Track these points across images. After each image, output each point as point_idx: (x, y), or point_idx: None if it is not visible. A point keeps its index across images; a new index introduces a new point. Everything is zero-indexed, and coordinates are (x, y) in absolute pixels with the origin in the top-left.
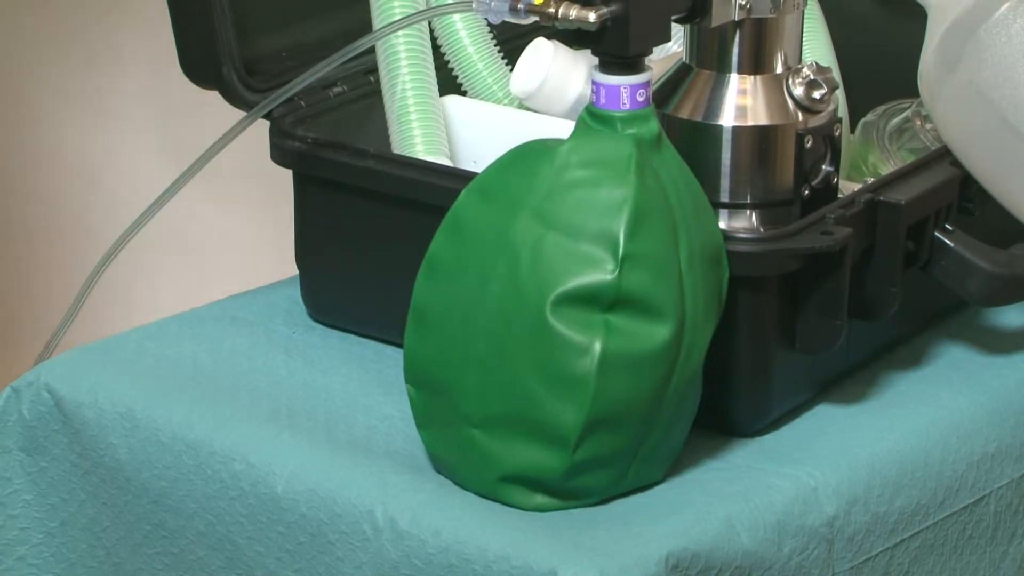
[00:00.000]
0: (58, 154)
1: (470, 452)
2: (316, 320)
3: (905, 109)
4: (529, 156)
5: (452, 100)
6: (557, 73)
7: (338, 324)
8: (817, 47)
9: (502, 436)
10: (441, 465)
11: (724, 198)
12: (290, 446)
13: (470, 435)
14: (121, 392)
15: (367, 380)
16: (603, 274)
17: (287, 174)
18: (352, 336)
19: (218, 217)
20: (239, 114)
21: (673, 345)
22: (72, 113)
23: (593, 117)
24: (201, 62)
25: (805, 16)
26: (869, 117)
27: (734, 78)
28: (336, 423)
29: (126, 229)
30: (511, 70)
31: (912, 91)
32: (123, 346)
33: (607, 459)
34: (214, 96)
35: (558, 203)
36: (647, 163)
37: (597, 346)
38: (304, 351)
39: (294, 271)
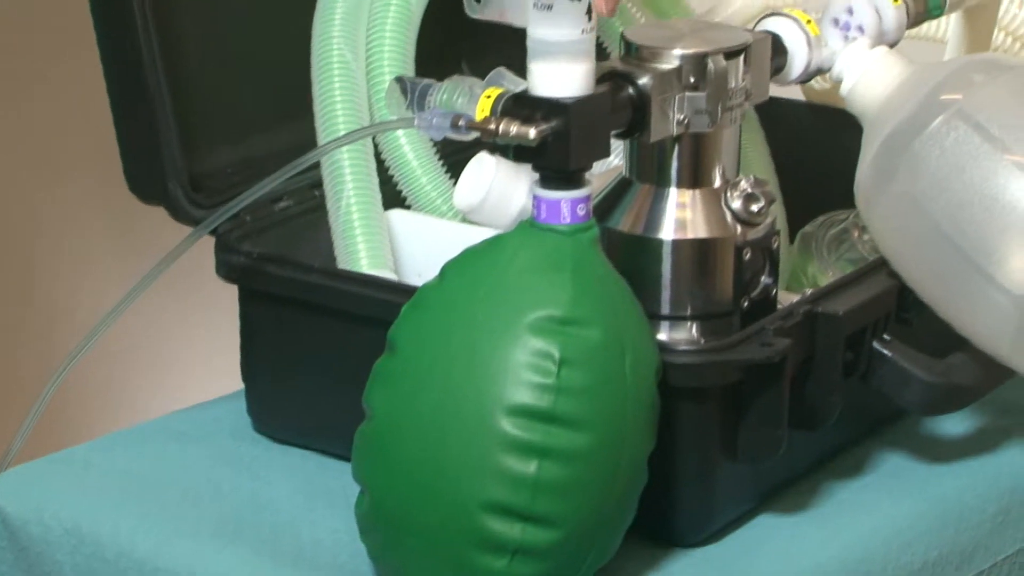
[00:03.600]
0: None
1: (409, 562)
2: (261, 433)
3: (843, 220)
4: (467, 263)
5: (396, 214)
6: (500, 187)
7: (284, 438)
8: (755, 160)
9: (437, 546)
10: (383, 573)
11: (664, 310)
12: (236, 561)
13: (407, 543)
14: (67, 508)
15: (313, 494)
16: (543, 383)
17: (232, 288)
18: (297, 450)
19: (164, 331)
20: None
21: (614, 453)
22: (18, 224)
23: (535, 230)
24: (147, 177)
25: (743, 129)
26: (808, 228)
27: (673, 192)
28: (282, 537)
29: (74, 348)
30: (454, 184)
31: (849, 202)
32: (69, 462)
33: (546, 570)
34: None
35: (496, 309)
36: (588, 273)
37: (535, 459)
38: (249, 465)
39: (239, 385)
